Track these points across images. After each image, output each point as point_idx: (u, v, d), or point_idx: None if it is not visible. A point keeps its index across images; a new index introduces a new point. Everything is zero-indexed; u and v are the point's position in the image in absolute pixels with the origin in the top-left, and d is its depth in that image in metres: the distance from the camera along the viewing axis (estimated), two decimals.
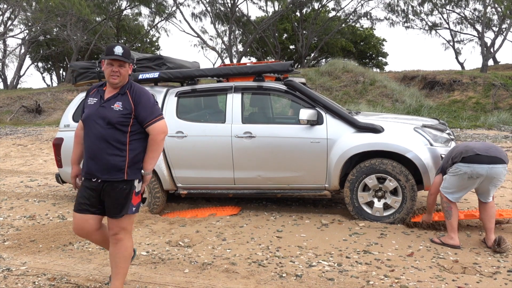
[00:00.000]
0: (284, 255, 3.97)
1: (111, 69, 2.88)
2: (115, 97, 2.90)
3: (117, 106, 2.87)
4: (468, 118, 17.35)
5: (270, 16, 28.67)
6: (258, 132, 5.10)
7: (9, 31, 28.28)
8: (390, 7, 28.19)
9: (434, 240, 4.24)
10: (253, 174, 5.16)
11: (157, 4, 28.47)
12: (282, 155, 5.03)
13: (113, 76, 2.88)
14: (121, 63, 2.89)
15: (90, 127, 2.89)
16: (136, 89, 2.94)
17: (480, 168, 3.97)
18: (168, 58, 5.98)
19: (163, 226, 4.88)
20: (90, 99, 2.98)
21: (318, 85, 20.13)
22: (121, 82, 2.91)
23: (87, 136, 2.91)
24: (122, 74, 2.89)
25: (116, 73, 2.87)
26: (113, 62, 2.88)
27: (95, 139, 2.85)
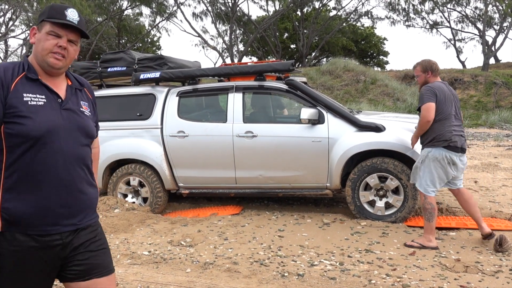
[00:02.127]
0: (286, 254, 3.97)
1: (56, 42, 1.71)
2: (73, 93, 1.83)
3: (85, 108, 1.86)
4: (470, 116, 17.34)
5: (271, 16, 28.66)
6: (260, 131, 5.10)
7: (11, 32, 28.32)
8: (391, 6, 28.19)
9: (410, 244, 4.10)
10: (255, 173, 5.16)
11: (158, 4, 28.46)
12: (284, 155, 5.03)
13: (56, 55, 1.72)
14: (75, 36, 1.76)
15: (52, 144, 1.67)
16: (86, 84, 1.96)
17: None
18: (169, 58, 5.98)
19: (165, 226, 4.88)
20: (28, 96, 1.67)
21: (319, 84, 20.13)
22: (63, 68, 1.78)
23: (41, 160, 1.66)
24: (70, 57, 1.76)
25: (63, 52, 1.73)
26: (61, 31, 1.72)
27: (65, 164, 1.70)
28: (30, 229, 1.64)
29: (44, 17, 1.73)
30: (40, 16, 1.76)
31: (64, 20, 1.72)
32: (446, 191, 6.24)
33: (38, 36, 1.74)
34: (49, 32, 1.72)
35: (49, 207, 1.67)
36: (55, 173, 1.68)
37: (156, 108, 5.46)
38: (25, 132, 1.61)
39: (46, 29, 1.72)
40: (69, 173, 1.72)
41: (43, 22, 1.73)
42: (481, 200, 5.78)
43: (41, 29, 1.74)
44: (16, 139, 1.61)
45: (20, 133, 1.61)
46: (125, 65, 5.92)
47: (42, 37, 1.72)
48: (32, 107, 1.64)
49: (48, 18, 1.72)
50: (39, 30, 1.74)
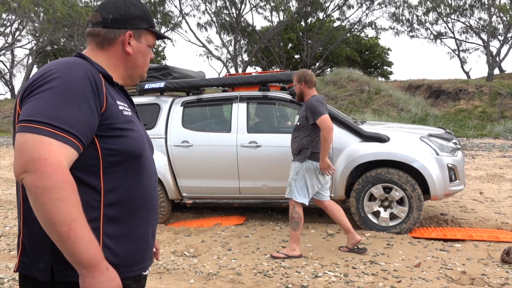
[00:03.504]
0: (289, 265, 3.95)
1: (150, 54, 1.49)
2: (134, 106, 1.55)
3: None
4: (474, 127, 17.28)
5: (275, 26, 28.82)
6: (264, 141, 5.10)
7: (17, 42, 28.62)
8: (395, 17, 28.30)
9: (275, 255, 4.12)
10: (259, 183, 5.15)
11: (163, 15, 28.72)
12: (288, 165, 5.01)
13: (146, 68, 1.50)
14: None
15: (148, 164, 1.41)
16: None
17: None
18: (174, 68, 6.02)
19: (168, 236, 4.87)
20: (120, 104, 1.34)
21: (323, 94, 20.14)
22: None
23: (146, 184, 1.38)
24: None
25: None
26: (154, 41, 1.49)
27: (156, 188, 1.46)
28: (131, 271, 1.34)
29: (147, 26, 1.43)
30: (137, 20, 1.40)
31: (159, 31, 1.49)
32: (451, 202, 6.21)
33: (139, 47, 1.42)
34: (151, 45, 1.47)
35: (148, 240, 1.41)
36: (154, 198, 1.43)
37: (161, 118, 5.47)
38: (130, 147, 1.30)
39: (150, 42, 1.45)
40: (158, 198, 1.49)
41: (144, 31, 1.43)
42: (486, 211, 5.73)
43: (140, 39, 1.42)
44: (117, 157, 1.27)
45: (124, 149, 1.28)
46: None
47: (145, 50, 1.44)
48: (127, 117, 1.34)
49: (151, 27, 1.44)
50: (138, 39, 1.41)
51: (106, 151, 1.25)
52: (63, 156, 1.11)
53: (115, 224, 1.28)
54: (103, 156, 1.25)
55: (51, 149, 1.10)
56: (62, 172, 1.09)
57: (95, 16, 1.39)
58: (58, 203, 1.07)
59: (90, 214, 1.21)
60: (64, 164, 1.11)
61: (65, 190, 1.08)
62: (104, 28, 1.37)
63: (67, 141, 1.13)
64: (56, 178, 1.08)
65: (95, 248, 1.12)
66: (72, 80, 1.19)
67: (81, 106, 1.18)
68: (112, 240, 1.27)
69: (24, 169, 1.09)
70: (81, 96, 1.18)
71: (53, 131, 1.11)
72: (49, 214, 1.07)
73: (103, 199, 1.26)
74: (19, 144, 1.12)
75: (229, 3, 28.07)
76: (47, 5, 23.87)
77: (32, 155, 1.09)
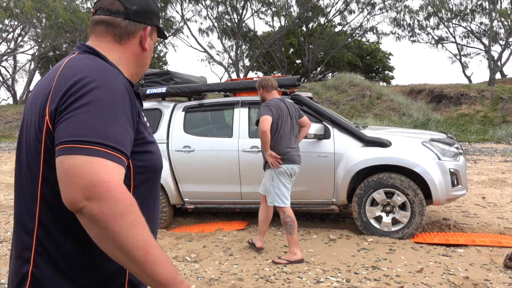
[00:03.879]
0: (291, 270, 3.93)
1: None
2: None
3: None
4: (476, 131, 17.25)
5: (277, 31, 28.89)
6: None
7: (19, 47, 28.72)
8: (396, 22, 28.32)
9: (277, 262, 4.12)
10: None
11: (165, 20, 28.81)
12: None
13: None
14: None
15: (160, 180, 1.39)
16: None
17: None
18: (175, 73, 6.02)
19: (170, 241, 4.86)
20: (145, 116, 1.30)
21: (325, 99, 20.16)
22: None
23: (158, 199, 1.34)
24: None
25: None
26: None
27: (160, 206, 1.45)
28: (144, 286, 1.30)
29: (158, 23, 1.35)
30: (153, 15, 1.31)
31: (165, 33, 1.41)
32: (453, 207, 6.19)
33: (150, 44, 1.33)
34: (155, 42, 1.40)
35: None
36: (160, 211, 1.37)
37: (162, 123, 5.48)
38: (155, 163, 1.23)
39: (155, 39, 1.37)
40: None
41: (154, 28, 1.34)
42: (489, 216, 5.71)
43: (152, 35, 1.33)
44: (145, 174, 1.21)
45: (152, 165, 1.22)
46: None
47: (152, 48, 1.36)
48: (149, 128, 1.25)
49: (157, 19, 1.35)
50: (151, 36, 1.33)
51: (137, 169, 1.17)
52: (120, 177, 1.01)
53: None
54: (134, 174, 1.17)
55: (111, 171, 0.99)
56: (126, 193, 0.99)
57: (114, 4, 1.24)
58: (132, 228, 0.98)
59: None
60: (123, 184, 1.01)
61: (134, 212, 1.00)
62: (126, 20, 1.24)
63: (119, 161, 1.02)
64: (124, 202, 0.98)
65: (170, 265, 1.05)
66: (114, 91, 1.08)
67: (125, 121, 1.08)
68: None
69: (85, 195, 0.95)
70: (124, 110, 1.08)
71: (107, 151, 1.00)
72: (123, 241, 0.97)
73: None
74: (68, 168, 0.97)
75: (230, 8, 28.18)
76: (49, 11, 23.97)
77: (91, 179, 0.96)
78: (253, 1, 27.69)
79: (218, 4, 27.85)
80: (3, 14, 22.83)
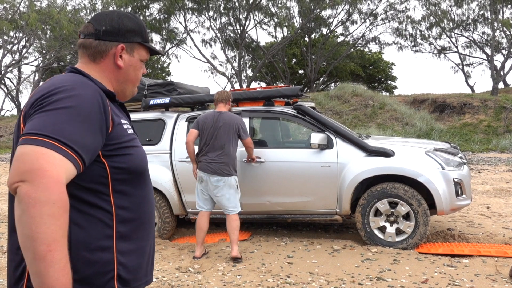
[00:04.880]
0: (295, 281, 3.90)
1: (143, 69, 1.47)
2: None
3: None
4: (480, 141, 17.21)
5: (279, 42, 29.04)
6: (267, 156, 5.09)
7: (24, 59, 28.96)
8: (398, 32, 28.43)
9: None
10: (263, 199, 5.12)
11: (168, 31, 29.03)
12: (292, 180, 5.00)
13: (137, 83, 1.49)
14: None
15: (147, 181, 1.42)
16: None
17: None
18: (178, 84, 6.06)
19: (173, 252, 4.84)
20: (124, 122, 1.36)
21: (328, 109, 20.18)
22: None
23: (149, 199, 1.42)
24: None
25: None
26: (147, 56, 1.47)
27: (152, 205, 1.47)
28: (139, 285, 1.35)
29: (140, 40, 1.40)
30: (130, 33, 1.38)
31: (151, 45, 1.45)
32: (458, 217, 6.15)
33: (131, 61, 1.39)
34: (144, 60, 1.43)
35: (150, 254, 1.42)
36: (153, 211, 1.46)
37: (165, 134, 5.49)
38: (135, 165, 1.32)
39: (142, 56, 1.42)
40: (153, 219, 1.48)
41: (137, 45, 1.40)
42: (494, 226, 5.67)
43: (132, 52, 1.39)
44: (124, 175, 1.29)
45: (131, 166, 1.30)
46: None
47: (138, 64, 1.42)
48: (131, 135, 1.35)
49: (144, 42, 1.41)
50: (129, 53, 1.39)
51: (115, 170, 1.26)
52: (64, 171, 1.07)
53: (127, 241, 1.29)
54: (112, 174, 1.26)
55: (53, 162, 1.05)
56: (60, 187, 1.04)
57: (87, 27, 1.36)
58: (46, 219, 1.00)
59: (104, 232, 1.23)
60: (63, 179, 1.07)
61: (57, 206, 1.03)
62: (96, 40, 1.34)
63: (69, 157, 1.09)
64: (52, 192, 1.02)
65: (67, 279, 1.03)
66: (80, 99, 1.17)
67: (88, 126, 1.15)
68: (125, 256, 1.28)
69: (21, 178, 1.03)
70: (89, 117, 1.16)
71: (56, 145, 1.08)
72: (33, 228, 1.00)
73: (115, 217, 1.26)
74: (18, 155, 1.06)
75: (233, 19, 28.37)
76: (53, 23, 24.21)
77: (32, 166, 1.03)
78: (256, 12, 27.87)
79: (221, 15, 28.06)
80: (9, 26, 23.07)
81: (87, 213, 1.21)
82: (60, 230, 1.03)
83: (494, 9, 23.69)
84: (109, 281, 1.22)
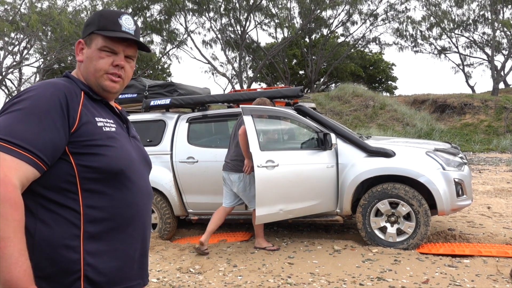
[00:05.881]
0: (296, 282, 3.91)
1: (111, 61, 1.37)
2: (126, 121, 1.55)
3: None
4: (481, 141, 17.20)
5: (280, 43, 29.04)
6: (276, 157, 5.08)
7: (25, 60, 28.99)
8: (399, 32, 28.42)
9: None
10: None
11: (168, 32, 29.04)
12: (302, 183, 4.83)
13: (113, 77, 1.39)
14: (132, 51, 1.42)
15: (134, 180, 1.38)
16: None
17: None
18: (179, 85, 6.06)
19: (174, 253, 4.84)
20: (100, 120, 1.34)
21: (328, 109, 20.18)
22: (120, 91, 1.48)
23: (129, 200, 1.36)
24: (127, 76, 1.45)
25: (120, 72, 1.40)
26: (117, 46, 1.38)
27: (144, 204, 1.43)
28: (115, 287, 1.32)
29: (94, 29, 1.36)
30: (88, 27, 1.39)
31: (120, 32, 1.36)
32: (459, 217, 6.15)
33: (88, 52, 1.37)
34: (102, 48, 1.36)
35: (134, 257, 1.37)
36: (141, 215, 1.39)
37: (166, 134, 5.50)
38: (108, 164, 1.28)
39: (98, 44, 1.36)
40: (148, 215, 1.44)
41: (93, 35, 1.37)
42: (495, 226, 5.67)
43: (90, 44, 1.37)
44: (94, 174, 1.26)
45: (102, 166, 1.27)
46: (136, 92, 6.01)
47: (94, 54, 1.36)
48: (108, 133, 1.32)
49: (98, 30, 1.35)
50: (88, 45, 1.38)
51: (82, 168, 1.25)
52: (14, 172, 1.11)
53: (97, 241, 1.26)
54: (79, 173, 1.25)
55: (2, 164, 1.10)
56: (6, 188, 1.08)
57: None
58: None
59: (69, 231, 1.23)
60: (11, 180, 1.10)
61: (4, 207, 1.07)
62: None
63: (22, 157, 1.13)
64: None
65: (20, 272, 1.07)
66: (38, 99, 1.21)
67: (43, 123, 1.19)
68: (94, 257, 1.26)
69: None
70: (44, 114, 1.19)
71: (8, 147, 1.12)
72: None
73: (83, 216, 1.25)
74: None
75: (234, 20, 28.38)
76: (54, 24, 24.23)
77: None
78: (256, 13, 27.88)
79: (221, 16, 28.06)
80: (9, 28, 23.09)
81: (54, 212, 1.22)
82: (9, 228, 1.07)
83: (494, 9, 23.70)
84: (75, 281, 1.22)
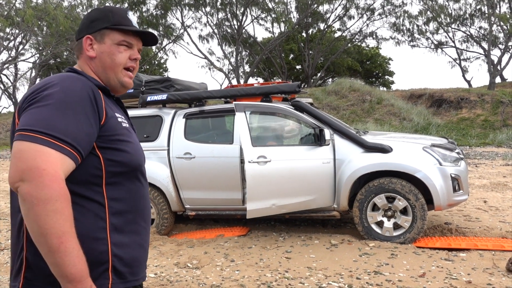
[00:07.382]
0: (293, 276, 3.92)
1: (129, 54, 1.42)
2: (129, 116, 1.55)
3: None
4: (477, 135, 17.25)
5: (277, 37, 28.99)
6: (268, 153, 5.08)
7: (21, 55, 28.85)
8: (396, 27, 28.43)
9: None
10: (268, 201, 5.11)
11: (165, 27, 28.93)
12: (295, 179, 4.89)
13: (130, 73, 1.45)
14: (140, 45, 1.47)
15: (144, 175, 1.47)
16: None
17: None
18: (176, 80, 6.04)
19: (171, 248, 4.85)
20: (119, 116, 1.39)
21: (325, 104, 20.18)
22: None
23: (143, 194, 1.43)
24: (136, 71, 1.49)
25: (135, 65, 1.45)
26: (133, 40, 1.43)
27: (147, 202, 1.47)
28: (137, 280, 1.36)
29: (107, 24, 1.38)
30: (94, 22, 1.40)
31: (134, 27, 1.42)
32: (455, 211, 6.18)
33: (103, 48, 1.39)
34: (121, 43, 1.39)
35: (147, 249, 1.44)
36: (148, 208, 1.46)
37: (163, 130, 5.49)
38: (129, 159, 1.33)
39: (115, 40, 1.39)
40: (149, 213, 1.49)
41: (106, 31, 1.39)
42: (491, 220, 5.70)
43: (103, 39, 1.39)
44: (119, 168, 1.31)
45: (125, 161, 1.32)
46: (132, 87, 5.99)
47: (112, 49, 1.39)
48: (125, 129, 1.37)
49: (114, 25, 1.38)
50: (100, 41, 1.39)
51: (109, 162, 1.29)
52: (60, 167, 1.13)
53: (120, 233, 1.31)
54: (106, 167, 1.28)
55: (49, 159, 1.11)
56: (59, 183, 1.11)
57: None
58: (52, 215, 1.08)
59: (97, 223, 1.26)
60: (60, 175, 1.12)
61: (60, 202, 1.10)
62: (76, 41, 1.45)
63: (64, 151, 1.15)
64: (52, 189, 1.09)
65: (82, 264, 1.13)
66: (70, 92, 1.22)
67: (79, 117, 1.20)
68: (120, 248, 1.29)
69: (21, 177, 1.09)
70: (79, 108, 1.21)
71: (51, 141, 1.13)
72: (41, 225, 1.08)
73: (108, 209, 1.29)
74: (16, 152, 1.12)
75: (230, 15, 28.29)
76: (50, 19, 24.10)
77: (30, 164, 1.09)
78: (253, 7, 27.80)
79: (218, 11, 27.98)
80: (4, 23, 22.95)
81: (81, 205, 1.24)
82: (66, 223, 1.10)
83: (491, 3, 23.70)
84: (103, 272, 1.25)
